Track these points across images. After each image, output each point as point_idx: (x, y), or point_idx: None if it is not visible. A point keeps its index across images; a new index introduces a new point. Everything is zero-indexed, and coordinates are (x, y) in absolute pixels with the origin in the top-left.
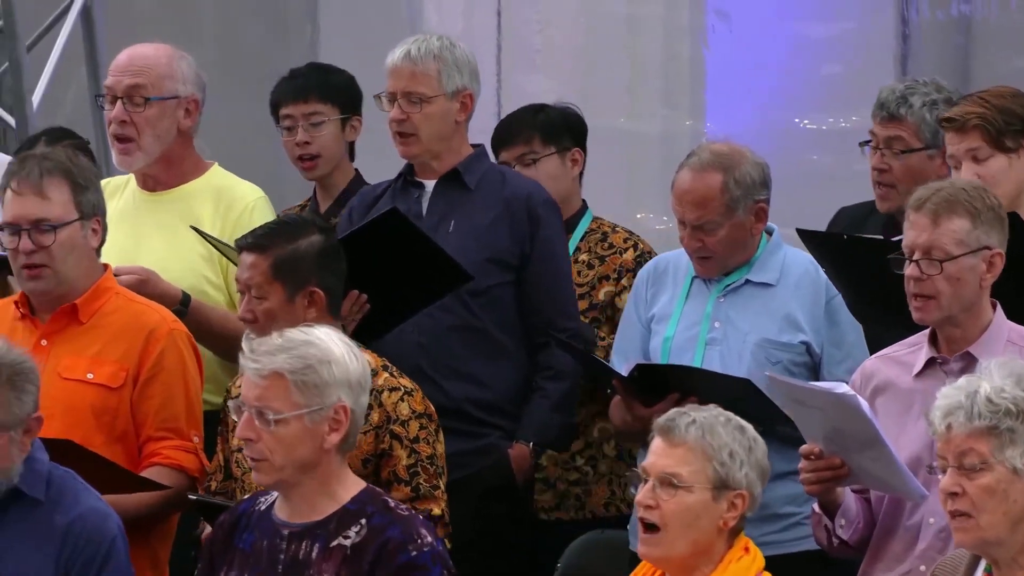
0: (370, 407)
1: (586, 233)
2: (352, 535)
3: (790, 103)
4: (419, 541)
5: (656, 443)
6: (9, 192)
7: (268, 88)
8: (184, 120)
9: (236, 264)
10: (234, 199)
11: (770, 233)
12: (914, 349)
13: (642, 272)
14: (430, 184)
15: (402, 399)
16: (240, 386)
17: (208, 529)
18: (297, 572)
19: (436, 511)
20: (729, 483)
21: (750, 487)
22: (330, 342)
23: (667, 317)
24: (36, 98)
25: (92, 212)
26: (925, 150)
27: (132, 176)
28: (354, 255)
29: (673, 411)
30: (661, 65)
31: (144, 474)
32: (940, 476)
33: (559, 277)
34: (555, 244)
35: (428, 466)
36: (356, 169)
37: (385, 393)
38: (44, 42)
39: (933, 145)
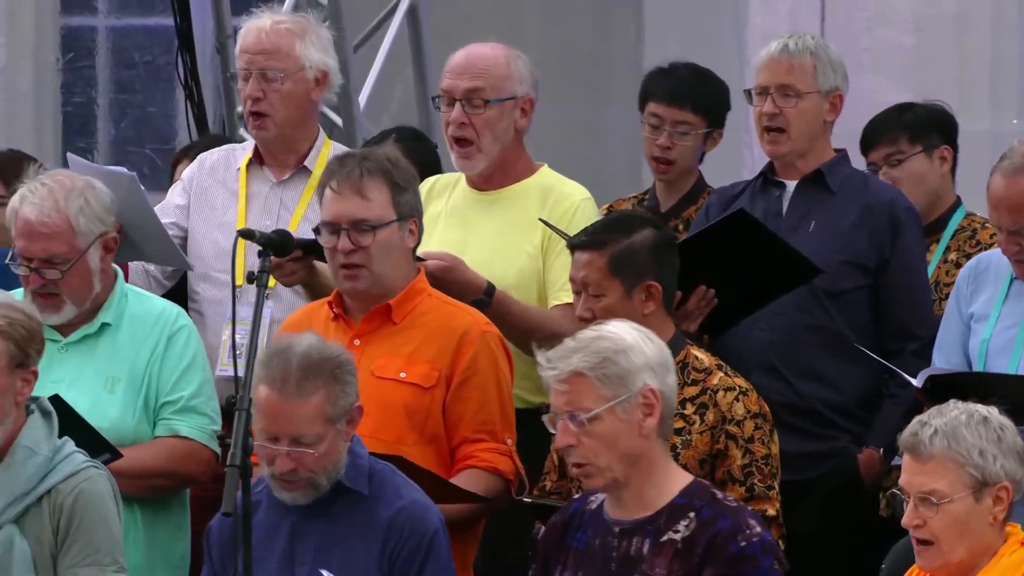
0: (705, 407)
1: (956, 231)
2: (682, 529)
3: None
4: (748, 532)
5: (906, 461)
6: (329, 191)
7: (592, 88)
8: (520, 120)
9: None
10: (561, 197)
11: None
12: None
13: (964, 269)
14: (791, 184)
15: (737, 399)
16: None
17: (543, 529)
18: (630, 568)
19: (771, 512)
20: (988, 480)
21: (1010, 476)
22: (621, 332)
23: (985, 317)
24: (363, 98)
25: (410, 213)
26: None
27: (463, 174)
28: (702, 252)
29: (915, 423)
30: (989, 63)
31: (460, 476)
32: None
33: (916, 285)
34: (914, 252)
35: (763, 466)
36: (700, 171)
37: (720, 393)
38: (371, 42)
39: None
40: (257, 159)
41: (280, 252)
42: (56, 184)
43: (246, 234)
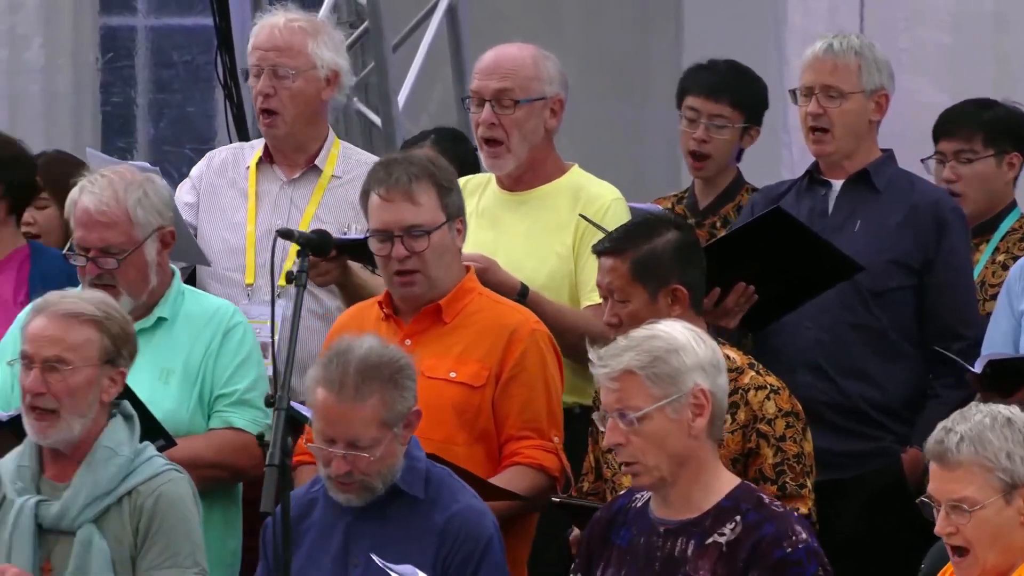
0: (736, 406)
1: (1007, 233)
2: (727, 532)
3: None
4: (793, 538)
5: (934, 468)
6: (376, 198)
7: (631, 87)
8: (550, 120)
9: None
10: (591, 198)
11: None
12: None
13: (1015, 267)
14: (837, 183)
15: (768, 397)
16: None
17: (576, 531)
18: (673, 569)
19: (803, 510)
20: (1016, 482)
21: None
22: (673, 332)
23: None
24: (402, 98)
25: (457, 212)
26: None
27: (492, 175)
28: (741, 249)
29: (939, 430)
30: None
31: (504, 473)
32: None
33: (961, 285)
34: (960, 252)
35: (795, 465)
36: (738, 168)
37: (751, 392)
38: (410, 42)
39: None
40: (267, 158)
41: (319, 252)
42: (116, 176)
43: (285, 234)
